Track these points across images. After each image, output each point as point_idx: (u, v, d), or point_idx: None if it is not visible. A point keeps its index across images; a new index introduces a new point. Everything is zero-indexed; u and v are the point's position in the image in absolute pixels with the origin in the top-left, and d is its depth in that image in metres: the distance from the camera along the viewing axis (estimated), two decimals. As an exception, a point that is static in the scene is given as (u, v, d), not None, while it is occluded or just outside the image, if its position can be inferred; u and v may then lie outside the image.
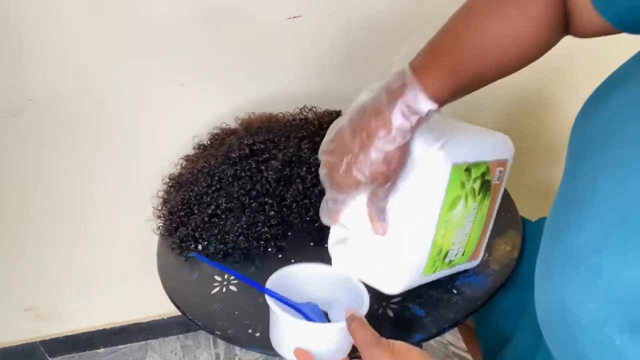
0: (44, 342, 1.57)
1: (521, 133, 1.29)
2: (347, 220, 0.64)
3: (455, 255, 0.69)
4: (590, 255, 0.35)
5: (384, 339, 0.54)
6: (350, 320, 0.56)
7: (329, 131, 0.59)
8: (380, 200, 0.58)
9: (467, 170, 0.62)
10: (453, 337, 1.41)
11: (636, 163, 0.35)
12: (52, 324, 1.53)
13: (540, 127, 1.29)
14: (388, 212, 0.61)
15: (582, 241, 0.37)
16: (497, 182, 0.70)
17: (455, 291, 0.74)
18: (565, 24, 0.55)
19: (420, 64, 0.53)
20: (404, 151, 0.54)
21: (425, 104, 0.51)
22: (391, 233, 0.61)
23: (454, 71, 0.53)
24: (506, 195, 0.92)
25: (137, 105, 1.14)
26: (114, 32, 1.03)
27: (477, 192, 0.66)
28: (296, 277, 0.66)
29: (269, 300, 0.60)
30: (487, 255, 0.80)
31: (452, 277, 0.76)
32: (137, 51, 1.06)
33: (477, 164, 0.63)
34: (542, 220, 0.87)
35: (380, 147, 0.53)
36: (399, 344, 0.53)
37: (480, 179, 0.65)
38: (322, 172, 0.59)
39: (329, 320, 0.66)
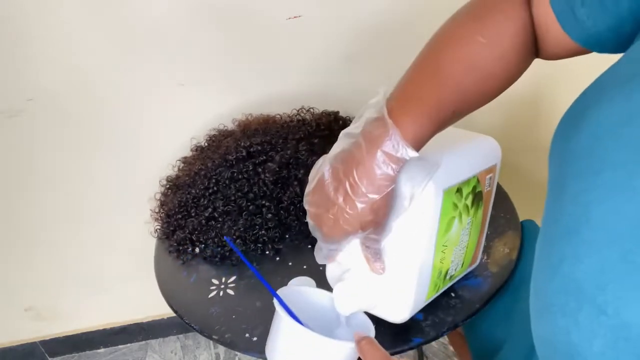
0: (44, 342, 1.57)
1: (518, 133, 1.28)
2: (344, 259, 0.63)
3: (455, 269, 0.69)
4: (593, 292, 0.34)
5: (393, 358, 0.54)
6: (360, 339, 0.55)
7: (310, 178, 0.57)
8: (374, 244, 0.58)
9: (458, 190, 0.61)
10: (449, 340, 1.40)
11: (628, 187, 0.34)
12: (52, 324, 1.53)
13: (538, 127, 1.29)
14: (384, 249, 0.60)
15: (583, 276, 0.35)
16: (488, 189, 0.69)
17: (453, 294, 0.74)
18: (534, 49, 0.55)
19: (398, 106, 0.52)
20: (390, 197, 0.53)
21: (406, 152, 0.50)
22: (390, 268, 0.61)
23: (433, 112, 0.51)
24: (504, 196, 0.92)
25: (136, 105, 1.14)
26: (113, 32, 1.03)
27: (470, 207, 0.65)
28: (301, 298, 0.64)
29: (280, 310, 0.58)
30: (485, 258, 0.79)
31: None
32: (136, 52, 1.06)
33: (467, 181, 0.63)
34: (528, 222, 0.87)
35: (365, 198, 0.52)
36: None
37: (472, 193, 0.65)
38: (310, 223, 0.58)
39: None
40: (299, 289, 0.64)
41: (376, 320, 0.63)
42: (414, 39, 1.10)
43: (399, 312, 0.65)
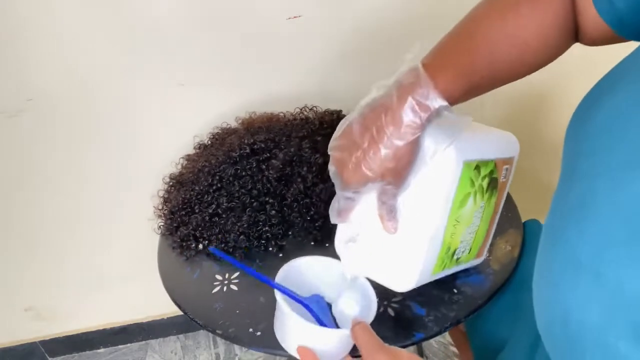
0: (44, 342, 1.56)
1: (521, 133, 1.28)
2: (356, 218, 0.63)
3: (463, 252, 0.69)
4: (593, 261, 0.35)
5: (386, 344, 0.55)
6: (354, 323, 0.57)
7: (338, 127, 0.58)
8: (390, 199, 0.58)
9: (477, 168, 0.62)
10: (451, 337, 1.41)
11: (637, 166, 0.35)
12: (52, 324, 1.53)
13: (541, 127, 1.29)
14: (399, 210, 0.60)
15: (584, 246, 0.36)
16: (503, 180, 0.70)
17: (455, 290, 0.74)
18: (575, 32, 0.55)
19: (433, 62, 0.53)
20: (414, 148, 0.54)
21: (436, 101, 0.51)
22: (402, 231, 0.61)
23: (466, 71, 0.53)
24: (507, 195, 0.92)
25: (137, 105, 1.14)
26: (114, 32, 1.03)
27: (485, 189, 0.66)
28: (304, 270, 0.66)
29: (278, 297, 0.60)
30: (488, 255, 0.80)
31: (453, 276, 0.76)
32: (137, 52, 1.06)
33: (485, 162, 0.63)
34: (532, 222, 0.87)
35: (390, 143, 0.52)
36: (400, 351, 0.54)
37: (489, 176, 0.65)
38: (332, 168, 0.59)
39: (332, 314, 0.66)
40: (304, 260, 0.66)
41: (378, 320, 0.64)
42: (415, 38, 1.11)
43: (404, 281, 0.64)
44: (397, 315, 0.71)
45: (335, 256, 0.68)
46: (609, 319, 0.33)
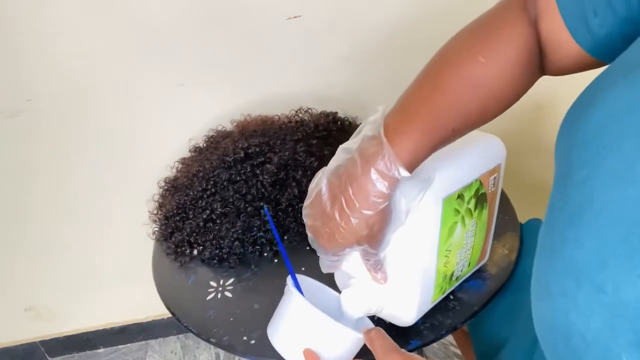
0: (44, 342, 1.57)
1: (518, 134, 1.28)
2: (348, 268, 0.64)
3: (461, 270, 0.70)
4: (593, 272, 0.35)
5: (401, 349, 0.55)
6: (369, 329, 0.57)
7: (309, 192, 0.57)
8: (373, 257, 0.59)
9: (460, 196, 0.61)
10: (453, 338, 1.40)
11: (631, 174, 0.35)
12: (52, 324, 1.53)
13: (537, 128, 1.28)
14: (386, 259, 0.61)
15: (583, 257, 0.36)
16: (492, 189, 0.69)
17: (452, 296, 0.73)
18: (539, 65, 0.55)
19: (396, 122, 0.52)
20: (386, 213, 0.53)
21: (399, 172, 0.50)
22: (394, 275, 0.62)
23: (431, 128, 0.52)
24: (503, 197, 0.91)
25: (136, 106, 1.14)
26: (113, 33, 1.03)
27: (473, 210, 0.65)
28: (311, 290, 0.65)
29: (293, 288, 0.58)
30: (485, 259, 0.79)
31: (449, 282, 0.75)
32: (136, 52, 1.06)
33: (468, 186, 0.63)
34: (534, 221, 0.86)
35: (360, 214, 0.52)
36: (415, 355, 0.54)
37: (475, 196, 0.64)
38: (309, 235, 0.59)
39: None
40: (310, 281, 0.65)
41: (375, 321, 0.64)
42: (413, 40, 1.11)
43: (406, 316, 0.66)
44: (393, 323, 0.70)
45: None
46: (611, 330, 0.33)
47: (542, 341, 0.41)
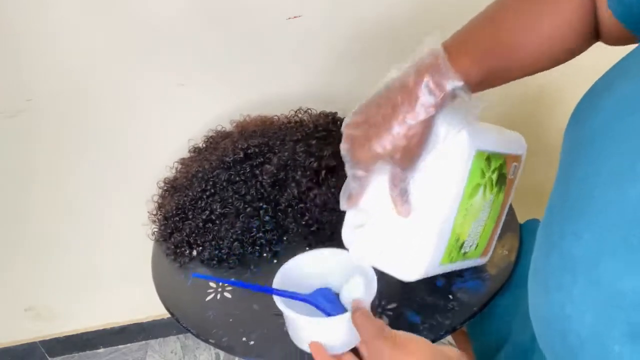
0: (44, 342, 1.57)
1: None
2: (366, 204, 0.63)
3: (470, 246, 0.69)
4: (589, 266, 0.35)
5: (387, 328, 0.55)
6: (354, 310, 0.57)
7: (356, 106, 0.59)
8: (402, 181, 0.58)
9: (488, 159, 0.63)
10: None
11: (633, 174, 0.35)
12: (52, 324, 1.54)
13: (537, 129, 1.28)
14: (411, 194, 0.60)
15: (580, 251, 0.36)
16: (511, 177, 0.70)
17: (451, 297, 0.73)
18: (595, 31, 0.55)
19: (453, 45, 0.55)
20: (427, 128, 0.54)
21: (453, 82, 0.52)
22: (413, 218, 0.61)
23: (486, 57, 0.54)
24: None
25: (136, 106, 1.14)
26: (113, 33, 1.03)
27: (494, 183, 0.66)
28: (303, 268, 0.67)
29: (277, 301, 0.60)
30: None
31: (449, 282, 0.75)
32: (136, 52, 1.06)
33: (496, 155, 0.64)
34: (532, 222, 0.86)
35: (403, 121, 0.53)
36: (401, 335, 0.54)
37: (498, 170, 0.66)
38: (344, 146, 0.59)
39: (341, 303, 0.66)
40: (299, 259, 0.67)
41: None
42: (414, 40, 1.10)
43: (413, 269, 0.63)
44: (392, 323, 0.70)
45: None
46: (605, 323, 0.33)
47: (539, 338, 0.42)
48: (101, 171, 1.23)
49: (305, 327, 0.60)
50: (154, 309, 1.56)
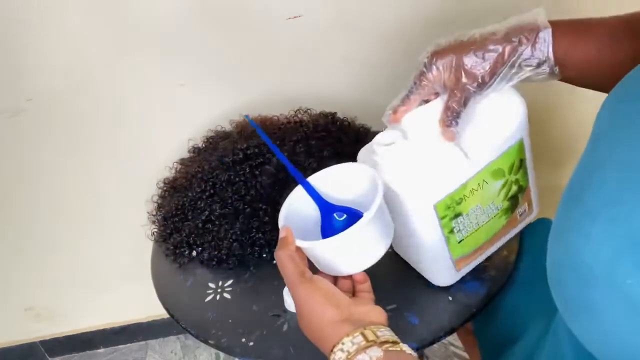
0: (44, 342, 1.57)
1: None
2: (406, 122, 0.64)
3: (459, 231, 0.68)
4: (608, 209, 0.37)
5: (307, 273, 0.54)
6: (277, 247, 0.56)
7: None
8: (459, 104, 0.61)
9: (520, 165, 0.69)
10: (453, 337, 1.40)
11: None
12: (52, 324, 1.54)
13: (538, 131, 1.28)
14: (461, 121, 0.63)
15: (600, 199, 0.38)
16: (518, 215, 0.74)
17: (450, 297, 0.73)
18: None
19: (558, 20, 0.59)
20: (507, 59, 0.59)
21: (543, 23, 0.57)
22: (444, 149, 0.63)
23: (574, 45, 0.58)
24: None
25: (136, 106, 1.14)
26: (113, 32, 1.03)
27: (506, 196, 0.70)
28: (333, 177, 0.67)
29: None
30: (483, 260, 0.79)
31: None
32: (136, 52, 1.06)
33: (523, 176, 0.70)
34: (534, 222, 0.86)
35: (486, 46, 0.59)
36: (318, 288, 0.53)
37: (516, 186, 0.70)
38: (430, 49, 0.63)
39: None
40: (330, 169, 0.67)
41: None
42: (413, 41, 1.10)
43: (420, 192, 0.64)
44: (391, 325, 0.70)
45: None
46: (618, 258, 0.35)
47: (551, 279, 0.43)
48: (101, 171, 1.23)
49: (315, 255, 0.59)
50: (154, 309, 1.55)
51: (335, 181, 0.66)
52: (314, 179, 0.66)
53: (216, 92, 1.14)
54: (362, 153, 0.70)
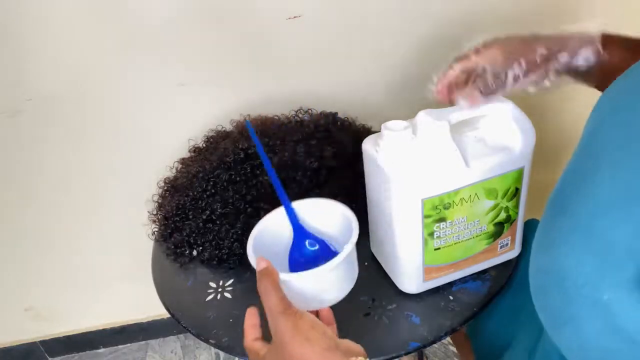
0: (44, 342, 1.57)
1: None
2: (420, 119, 0.64)
3: (439, 237, 0.68)
4: (595, 223, 0.38)
5: (292, 306, 0.52)
6: (260, 276, 0.54)
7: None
8: (484, 82, 0.63)
9: (514, 194, 0.69)
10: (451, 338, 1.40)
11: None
12: (52, 324, 1.54)
13: (538, 130, 1.28)
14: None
15: (588, 211, 0.39)
16: (499, 249, 0.75)
17: (451, 297, 0.73)
18: None
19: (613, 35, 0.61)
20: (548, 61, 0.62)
21: (597, 35, 0.60)
22: (446, 151, 0.64)
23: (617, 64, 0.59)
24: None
25: (136, 106, 1.14)
26: (113, 32, 1.03)
27: (495, 218, 0.70)
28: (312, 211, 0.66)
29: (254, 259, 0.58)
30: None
31: (449, 283, 0.75)
32: (136, 51, 1.06)
33: (514, 207, 0.71)
34: (532, 221, 0.86)
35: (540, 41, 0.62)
36: (304, 318, 0.51)
37: (504, 214, 0.71)
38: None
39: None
40: (313, 200, 0.66)
41: (372, 327, 0.62)
42: (414, 41, 1.11)
43: (414, 180, 0.64)
44: (392, 324, 0.70)
45: None
46: (601, 273, 0.36)
47: (534, 289, 0.44)
48: (101, 171, 1.23)
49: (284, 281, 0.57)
50: (154, 309, 1.55)
51: (315, 212, 0.66)
52: (296, 204, 0.65)
53: (217, 91, 1.14)
54: (367, 141, 0.69)
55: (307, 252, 0.64)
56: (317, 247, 0.64)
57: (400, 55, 1.11)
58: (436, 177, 0.63)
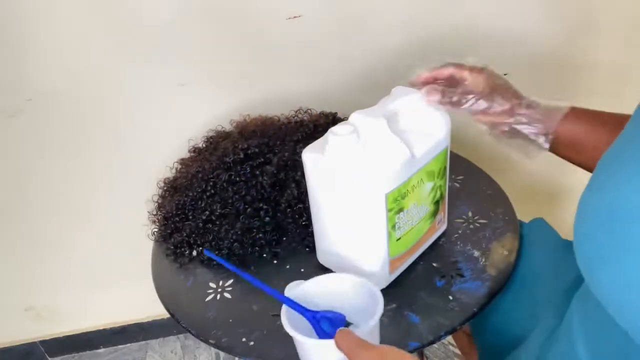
0: (44, 342, 1.57)
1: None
2: (357, 119, 0.68)
3: (399, 228, 0.71)
4: (601, 181, 0.42)
5: (368, 343, 0.53)
6: (338, 333, 0.55)
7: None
8: (450, 97, 0.70)
9: (444, 168, 0.76)
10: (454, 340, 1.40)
11: None
12: (52, 324, 1.54)
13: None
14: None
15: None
16: (436, 223, 0.80)
17: (451, 297, 0.73)
18: None
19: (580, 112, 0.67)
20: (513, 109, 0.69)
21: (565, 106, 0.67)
22: (391, 145, 0.67)
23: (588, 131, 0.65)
24: (504, 197, 0.91)
25: (136, 106, 1.14)
26: (113, 32, 1.03)
27: (434, 197, 0.76)
28: (314, 292, 0.63)
29: (284, 318, 0.58)
30: (484, 260, 0.79)
31: (449, 283, 0.75)
32: (136, 52, 1.06)
33: (445, 179, 0.77)
34: (536, 221, 0.86)
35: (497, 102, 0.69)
36: (387, 348, 0.52)
37: (439, 191, 0.77)
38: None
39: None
40: (310, 284, 0.63)
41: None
42: (413, 41, 1.11)
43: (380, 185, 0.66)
44: (391, 324, 0.70)
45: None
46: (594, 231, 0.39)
47: (578, 239, 0.44)
48: (101, 171, 1.23)
49: (299, 347, 0.58)
50: (154, 309, 1.55)
51: (319, 290, 0.64)
52: (290, 293, 0.62)
53: (216, 91, 1.14)
54: (310, 149, 0.72)
55: (328, 331, 0.61)
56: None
57: (400, 55, 1.11)
58: (393, 170, 0.65)
